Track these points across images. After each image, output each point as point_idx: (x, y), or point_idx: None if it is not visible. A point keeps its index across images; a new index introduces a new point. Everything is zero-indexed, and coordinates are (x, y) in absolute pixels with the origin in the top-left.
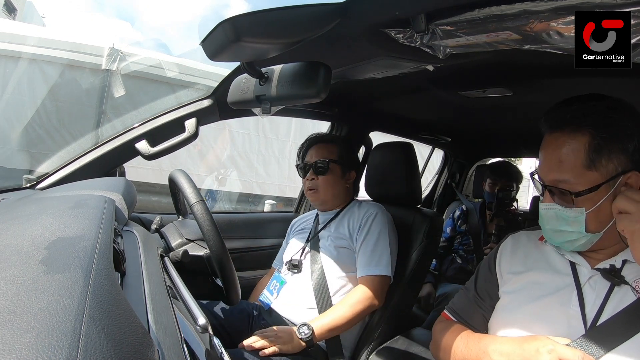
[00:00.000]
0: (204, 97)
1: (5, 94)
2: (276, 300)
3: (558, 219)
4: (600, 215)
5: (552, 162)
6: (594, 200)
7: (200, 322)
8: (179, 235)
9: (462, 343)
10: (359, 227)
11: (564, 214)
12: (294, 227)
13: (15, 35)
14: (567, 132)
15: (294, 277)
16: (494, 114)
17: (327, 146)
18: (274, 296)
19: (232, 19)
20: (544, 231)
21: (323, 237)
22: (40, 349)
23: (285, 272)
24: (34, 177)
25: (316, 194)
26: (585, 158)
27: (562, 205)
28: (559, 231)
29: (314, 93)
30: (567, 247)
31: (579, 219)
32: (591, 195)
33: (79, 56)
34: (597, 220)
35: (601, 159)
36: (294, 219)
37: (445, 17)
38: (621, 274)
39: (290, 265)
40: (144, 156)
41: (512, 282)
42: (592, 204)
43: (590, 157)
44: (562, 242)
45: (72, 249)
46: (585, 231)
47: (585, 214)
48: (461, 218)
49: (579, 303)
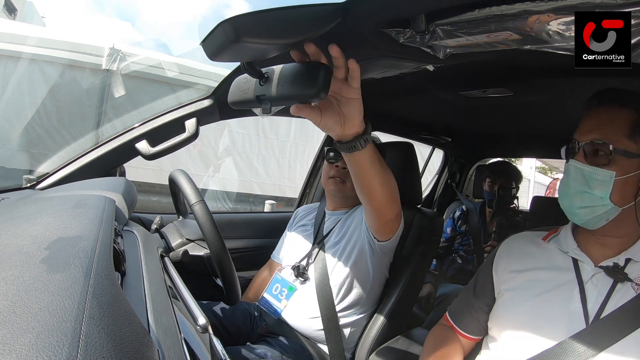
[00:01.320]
0: (204, 97)
1: (5, 94)
2: (286, 309)
3: (586, 179)
4: (625, 190)
5: (594, 123)
6: (625, 169)
7: (200, 322)
8: (179, 235)
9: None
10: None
11: (594, 174)
12: (298, 217)
13: (16, 36)
14: (614, 106)
15: (302, 285)
16: (494, 114)
17: None
18: (283, 304)
19: (232, 19)
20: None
21: (329, 241)
22: (40, 348)
23: (293, 279)
24: (34, 177)
25: (342, 185)
26: (627, 128)
27: (594, 165)
28: (582, 193)
29: (314, 93)
30: (583, 215)
31: (607, 183)
32: (624, 161)
33: (79, 56)
34: (621, 192)
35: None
36: (299, 209)
37: (445, 17)
38: (625, 271)
39: (298, 272)
40: (144, 156)
41: (512, 279)
42: (623, 172)
43: (632, 128)
44: (581, 207)
45: (72, 249)
46: (609, 198)
47: (614, 180)
48: (461, 218)
49: (580, 299)
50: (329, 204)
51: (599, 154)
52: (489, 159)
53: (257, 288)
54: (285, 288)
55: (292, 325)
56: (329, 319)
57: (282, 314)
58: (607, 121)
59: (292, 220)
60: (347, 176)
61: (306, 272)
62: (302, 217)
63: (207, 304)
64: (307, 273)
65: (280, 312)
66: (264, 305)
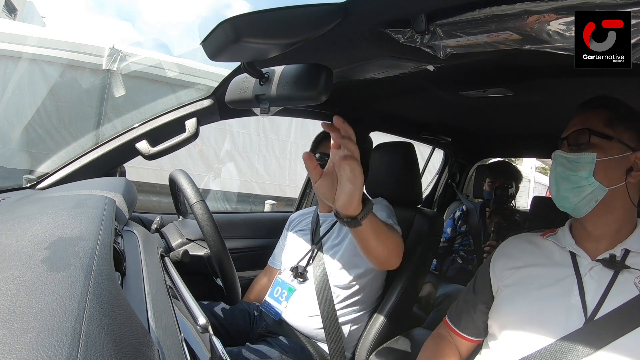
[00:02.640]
0: (204, 97)
1: (5, 94)
2: (286, 310)
3: (570, 164)
4: (609, 172)
5: (576, 121)
6: (605, 152)
7: (201, 322)
8: (179, 235)
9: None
10: None
11: (577, 158)
12: (293, 223)
13: (16, 36)
14: (592, 109)
15: (301, 285)
16: (494, 114)
17: None
18: (284, 305)
19: (233, 19)
20: (552, 183)
21: (327, 242)
22: (40, 348)
23: (292, 279)
24: (34, 177)
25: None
26: (607, 120)
27: (577, 152)
28: (568, 177)
29: (315, 95)
30: (572, 197)
31: (590, 164)
32: (604, 144)
33: (80, 56)
34: (605, 172)
35: (620, 125)
36: (293, 215)
37: (445, 17)
38: (625, 262)
39: (297, 273)
40: (144, 156)
41: (510, 276)
42: (603, 154)
43: (611, 120)
44: (568, 189)
45: (72, 249)
46: (594, 176)
47: (596, 161)
48: (461, 218)
49: (579, 293)
50: (322, 207)
51: (580, 140)
52: (489, 159)
53: (257, 294)
54: (285, 290)
55: (292, 325)
56: (328, 318)
57: (282, 315)
58: (588, 117)
59: (287, 226)
60: None
61: (305, 272)
62: (298, 222)
63: (207, 304)
64: (306, 274)
65: (281, 314)
66: (266, 308)
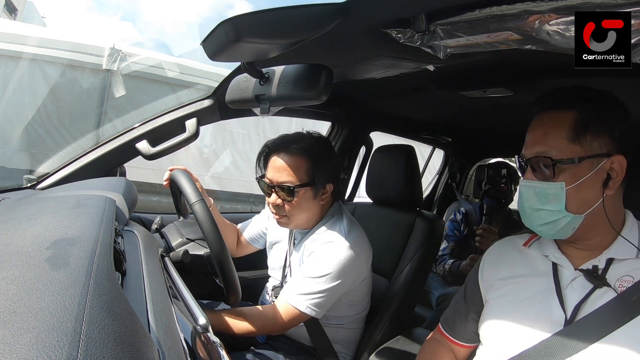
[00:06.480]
0: (204, 97)
1: (6, 94)
2: None
3: (538, 196)
4: (582, 195)
5: (537, 136)
6: (576, 176)
7: (201, 322)
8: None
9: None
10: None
11: (544, 190)
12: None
13: (16, 36)
14: (555, 110)
15: None
16: (494, 114)
17: (293, 160)
18: None
19: (233, 19)
20: (523, 213)
21: (294, 262)
22: (40, 348)
23: (273, 299)
24: (34, 177)
25: (286, 221)
26: (570, 132)
27: (542, 180)
28: (538, 210)
29: (315, 95)
30: (547, 231)
31: (559, 195)
32: (572, 168)
33: (80, 56)
34: (578, 199)
35: (586, 135)
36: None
37: (445, 17)
38: (605, 275)
39: (277, 292)
40: (145, 156)
41: (497, 289)
42: (574, 179)
43: (575, 131)
44: (541, 224)
45: (72, 249)
46: (566, 209)
47: (566, 190)
48: (463, 222)
49: (560, 306)
50: None
51: (545, 167)
52: (489, 159)
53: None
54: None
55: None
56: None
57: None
58: (549, 128)
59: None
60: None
61: None
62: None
63: (207, 304)
64: None
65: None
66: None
